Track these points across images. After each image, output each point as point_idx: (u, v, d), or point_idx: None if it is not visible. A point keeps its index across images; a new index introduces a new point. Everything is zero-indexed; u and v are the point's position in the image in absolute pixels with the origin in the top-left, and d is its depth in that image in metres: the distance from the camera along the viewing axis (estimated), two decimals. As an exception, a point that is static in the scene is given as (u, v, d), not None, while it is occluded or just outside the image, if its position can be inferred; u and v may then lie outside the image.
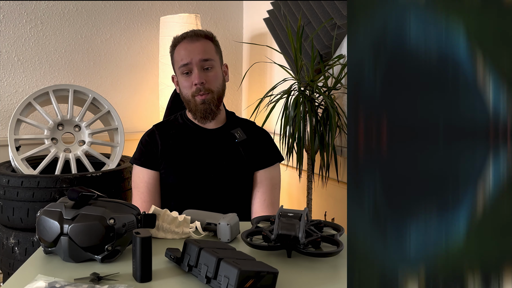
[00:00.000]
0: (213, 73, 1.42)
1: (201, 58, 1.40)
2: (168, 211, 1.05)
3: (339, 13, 2.06)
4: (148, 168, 1.44)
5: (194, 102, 1.41)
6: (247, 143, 1.48)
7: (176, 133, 1.47)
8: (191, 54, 1.40)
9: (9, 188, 1.79)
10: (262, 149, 1.50)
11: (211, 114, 1.43)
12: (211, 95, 1.41)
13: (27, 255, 1.78)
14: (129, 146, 2.40)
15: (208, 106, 1.41)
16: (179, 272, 0.87)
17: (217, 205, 1.34)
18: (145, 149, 1.47)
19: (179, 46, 1.45)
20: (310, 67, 2.08)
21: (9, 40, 2.32)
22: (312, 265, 0.92)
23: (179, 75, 1.45)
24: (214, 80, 1.43)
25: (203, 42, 1.43)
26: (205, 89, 1.40)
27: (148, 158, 1.45)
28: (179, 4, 2.75)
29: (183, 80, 1.43)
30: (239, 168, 1.44)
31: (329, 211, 2.29)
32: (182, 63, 1.41)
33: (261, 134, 1.54)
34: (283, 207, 1.01)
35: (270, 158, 1.50)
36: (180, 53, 1.43)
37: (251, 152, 1.47)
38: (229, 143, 1.46)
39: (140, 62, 2.68)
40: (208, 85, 1.40)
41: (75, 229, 0.88)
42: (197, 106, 1.41)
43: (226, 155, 1.44)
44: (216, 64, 1.44)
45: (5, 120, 2.33)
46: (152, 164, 1.44)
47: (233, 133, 1.48)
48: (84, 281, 0.81)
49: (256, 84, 2.91)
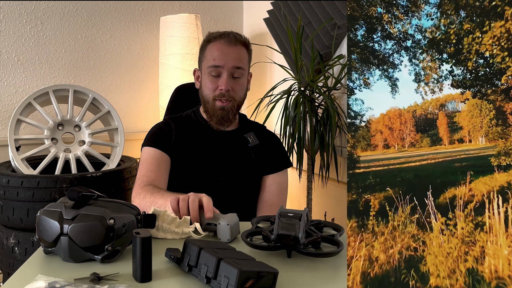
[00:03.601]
0: (241, 82, 1.40)
1: (234, 65, 1.37)
2: (168, 211, 1.05)
3: (339, 13, 2.05)
4: (159, 149, 1.39)
5: (213, 105, 1.39)
6: (259, 148, 1.47)
7: (189, 129, 1.44)
8: (225, 58, 1.36)
9: (9, 188, 1.79)
10: (273, 154, 1.49)
11: (227, 122, 1.42)
12: (232, 103, 1.39)
13: (27, 255, 1.78)
14: (129, 146, 2.40)
15: (226, 114, 1.39)
16: (179, 272, 0.87)
17: (223, 207, 1.34)
18: (160, 132, 1.43)
19: (214, 44, 1.39)
20: (310, 67, 2.08)
21: (9, 40, 2.32)
22: (312, 265, 0.92)
23: (205, 73, 1.40)
24: (240, 90, 1.41)
25: (239, 48, 1.39)
26: (229, 96, 1.38)
27: (161, 140, 1.41)
28: (179, 4, 2.75)
29: (208, 81, 1.39)
30: (249, 172, 1.43)
31: (329, 211, 2.28)
32: (213, 63, 1.37)
33: (272, 139, 1.53)
34: (283, 207, 1.01)
35: (280, 163, 1.50)
36: (213, 53, 1.38)
37: (262, 157, 1.46)
38: (242, 147, 1.45)
39: (140, 62, 2.68)
40: (233, 93, 1.39)
41: (75, 229, 0.88)
42: (215, 111, 1.39)
43: (238, 159, 1.43)
44: (245, 73, 1.42)
45: (5, 120, 2.33)
46: (164, 146, 1.39)
47: (246, 137, 1.47)
48: (84, 281, 0.81)
49: (256, 84, 2.91)
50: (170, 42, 2.45)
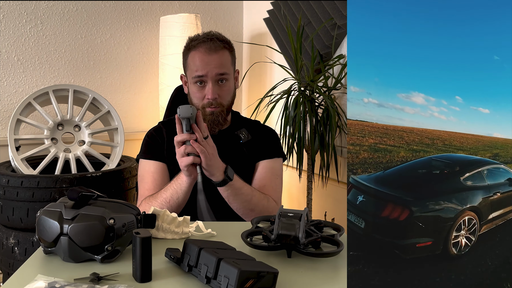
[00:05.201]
0: (226, 87, 1.41)
1: (217, 72, 1.37)
2: (168, 211, 1.05)
3: (339, 13, 2.05)
4: (154, 160, 1.42)
5: (203, 112, 1.40)
6: (252, 142, 1.47)
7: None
8: (207, 66, 1.36)
9: (9, 188, 1.78)
10: (265, 144, 1.49)
11: (217, 125, 1.43)
12: (220, 108, 1.40)
13: (27, 255, 1.78)
14: (129, 146, 2.40)
15: (216, 118, 1.40)
16: (179, 272, 0.87)
17: (220, 207, 1.34)
18: (152, 141, 1.46)
19: (195, 53, 1.39)
20: (310, 67, 2.08)
21: (9, 40, 2.32)
22: (312, 265, 0.92)
23: (191, 82, 1.42)
24: (227, 94, 1.42)
25: (220, 54, 1.38)
26: (216, 104, 1.39)
27: (154, 150, 1.44)
28: (179, 4, 2.75)
29: (195, 90, 1.41)
30: (243, 168, 1.43)
31: (329, 211, 2.28)
32: (196, 74, 1.38)
33: (267, 132, 1.53)
34: (283, 207, 1.01)
35: (272, 151, 1.48)
36: (196, 63, 1.38)
37: (255, 149, 1.46)
38: (234, 145, 1.46)
39: (140, 62, 2.68)
40: (220, 99, 1.39)
41: (75, 229, 0.88)
42: (205, 117, 1.40)
43: (230, 157, 1.43)
44: (230, 77, 1.42)
45: (5, 120, 2.33)
46: (158, 155, 1.43)
47: (237, 134, 1.47)
48: (84, 281, 0.81)
49: (256, 84, 2.91)
50: (170, 42, 2.45)
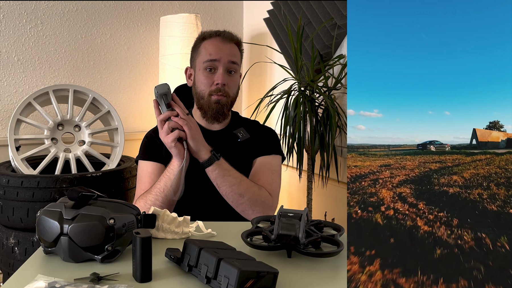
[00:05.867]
0: (235, 78, 1.43)
1: (230, 60, 1.40)
2: (168, 211, 1.05)
3: (339, 13, 2.06)
4: (152, 161, 1.43)
5: (209, 100, 1.40)
6: (250, 141, 1.47)
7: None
8: (220, 52, 1.39)
9: (9, 188, 1.78)
10: (263, 141, 1.49)
11: (222, 115, 1.43)
12: (226, 98, 1.41)
13: (27, 255, 1.78)
14: (129, 146, 2.40)
15: (221, 108, 1.41)
16: (179, 272, 0.87)
17: (219, 207, 1.34)
18: (150, 143, 1.47)
19: (209, 41, 1.42)
20: (310, 67, 2.08)
21: (9, 40, 2.32)
22: (312, 265, 0.92)
23: (200, 69, 1.42)
24: (234, 85, 1.43)
25: (233, 46, 1.43)
26: (224, 91, 1.40)
27: (153, 151, 1.44)
28: (179, 4, 2.75)
29: (203, 76, 1.41)
30: (240, 167, 1.43)
31: (329, 211, 2.28)
32: (210, 57, 1.39)
33: (266, 131, 1.53)
34: (283, 207, 1.01)
35: (270, 149, 1.48)
36: (209, 49, 1.40)
37: (252, 147, 1.46)
38: (231, 144, 1.46)
39: (140, 62, 2.68)
40: (227, 88, 1.40)
41: (75, 229, 0.88)
42: (210, 105, 1.41)
43: (228, 156, 1.43)
44: (239, 70, 1.45)
45: (5, 120, 2.33)
46: (156, 156, 1.43)
47: (235, 133, 1.48)
48: (84, 281, 0.81)
49: (256, 84, 2.91)
50: (170, 42, 2.45)
